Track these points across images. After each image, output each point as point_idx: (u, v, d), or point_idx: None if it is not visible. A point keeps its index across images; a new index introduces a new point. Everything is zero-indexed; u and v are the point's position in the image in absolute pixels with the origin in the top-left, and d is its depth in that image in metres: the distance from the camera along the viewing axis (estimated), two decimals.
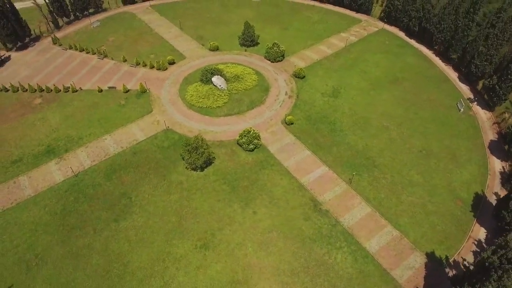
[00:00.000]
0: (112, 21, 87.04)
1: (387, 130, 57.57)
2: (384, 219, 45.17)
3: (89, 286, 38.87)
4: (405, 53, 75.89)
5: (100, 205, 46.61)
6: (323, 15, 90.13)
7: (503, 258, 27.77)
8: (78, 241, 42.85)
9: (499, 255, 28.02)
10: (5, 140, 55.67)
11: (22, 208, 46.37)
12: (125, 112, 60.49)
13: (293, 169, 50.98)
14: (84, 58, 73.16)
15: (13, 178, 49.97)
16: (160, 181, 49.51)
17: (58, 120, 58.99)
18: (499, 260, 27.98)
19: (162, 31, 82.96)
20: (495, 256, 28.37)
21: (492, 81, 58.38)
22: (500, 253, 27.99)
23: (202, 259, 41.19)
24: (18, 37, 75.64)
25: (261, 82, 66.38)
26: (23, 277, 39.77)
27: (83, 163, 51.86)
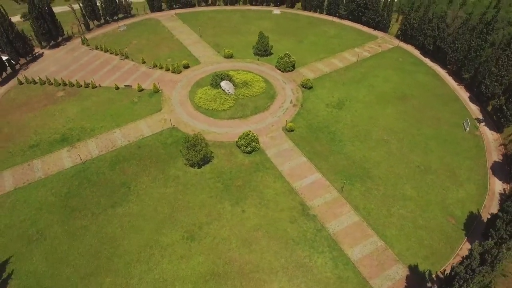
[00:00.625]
0: (138, 26, 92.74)
1: (386, 143, 57.67)
2: (371, 229, 45.25)
3: (80, 264, 41.54)
4: (417, 71, 75.75)
5: (101, 191, 49.72)
6: (340, 30, 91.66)
7: (468, 268, 27.62)
8: (76, 222, 45.91)
9: (465, 265, 27.88)
10: (27, 126, 60.65)
11: (32, 188, 50.29)
12: (136, 109, 64.25)
13: (287, 174, 52.16)
14: (107, 58, 78.44)
15: (28, 161, 54.34)
16: (159, 174, 52.15)
17: (75, 112, 63.56)
18: (464, 270, 27.84)
19: (182, 37, 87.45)
20: (461, 266, 28.23)
21: (500, 101, 57.40)
22: (466, 263, 27.85)
23: (187, 249, 42.96)
24: (52, 36, 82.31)
25: (268, 89, 68.46)
26: (23, 249, 43.10)
27: (92, 152, 55.56)
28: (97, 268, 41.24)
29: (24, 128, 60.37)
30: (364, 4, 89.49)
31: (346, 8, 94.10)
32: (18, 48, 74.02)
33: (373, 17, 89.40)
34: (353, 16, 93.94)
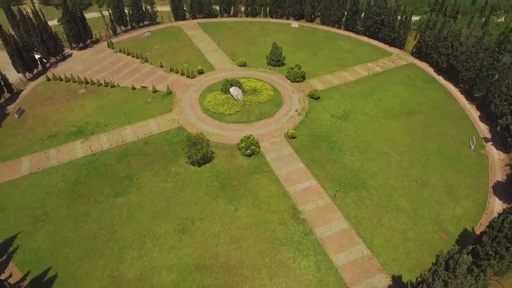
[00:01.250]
0: (161, 33, 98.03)
1: (386, 156, 57.84)
2: (359, 237, 45.56)
3: (78, 246, 44.47)
4: (429, 88, 75.45)
5: (106, 181, 52.98)
6: (355, 45, 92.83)
7: (435, 274, 27.84)
8: (80, 207, 49.16)
9: (432, 271, 28.10)
10: (49, 119, 65.60)
11: (45, 174, 54.35)
12: (149, 109, 67.95)
13: (283, 178, 53.47)
14: (128, 61, 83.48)
15: (45, 149, 58.79)
16: (161, 169, 54.91)
17: (93, 108, 68.06)
18: (432, 277, 28.07)
19: (201, 45, 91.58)
20: (429, 273, 28.46)
21: (506, 120, 56.45)
22: (433, 270, 28.05)
23: (177, 241, 44.97)
24: (81, 39, 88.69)
25: (276, 98, 70.45)
26: (30, 228, 46.68)
27: (103, 145, 59.32)
28: (93, 250, 43.97)
29: (46, 119, 65.34)
30: (381, 21, 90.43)
31: (363, 24, 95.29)
32: (50, 48, 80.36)
33: (389, 34, 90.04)
34: (370, 32, 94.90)
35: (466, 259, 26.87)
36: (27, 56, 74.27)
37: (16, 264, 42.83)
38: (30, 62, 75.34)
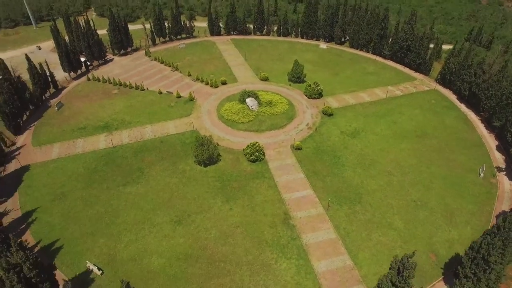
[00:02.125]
0: (195, 46, 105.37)
1: (389, 175, 57.98)
2: (344, 248, 46.19)
3: (85, 224, 49.26)
4: (447, 114, 74.39)
5: (119, 171, 58.18)
6: (379, 69, 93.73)
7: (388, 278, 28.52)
8: (93, 191, 54.43)
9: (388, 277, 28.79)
10: (82, 113, 73.20)
11: (70, 160, 60.78)
12: (170, 112, 73.49)
13: (281, 185, 55.52)
14: (160, 68, 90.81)
15: (74, 139, 65.73)
16: (170, 166, 59.26)
17: (121, 107, 74.91)
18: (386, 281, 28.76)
19: (229, 59, 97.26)
20: (384, 277, 29.16)
21: None
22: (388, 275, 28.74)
23: (171, 230, 48.35)
24: (123, 46, 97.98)
25: (289, 111, 73.17)
26: (48, 204, 52.46)
27: (123, 140, 65.17)
28: (97, 230, 48.51)
29: (79, 113, 72.98)
30: (407, 46, 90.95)
31: (390, 49, 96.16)
32: (94, 52, 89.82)
33: (414, 59, 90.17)
34: (396, 57, 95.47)
35: (412, 264, 27.35)
36: (74, 58, 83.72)
37: (31, 233, 48.32)
38: (75, 64, 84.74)
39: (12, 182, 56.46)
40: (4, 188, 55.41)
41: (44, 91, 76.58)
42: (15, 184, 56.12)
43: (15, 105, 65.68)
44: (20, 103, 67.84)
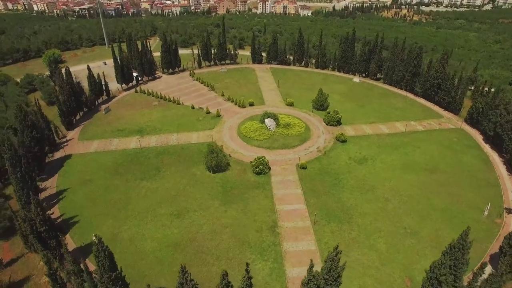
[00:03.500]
0: (235, 71, 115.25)
1: (385, 201, 58.64)
2: (320, 260, 47.94)
3: (100, 206, 57.33)
4: (467, 153, 72.65)
5: (140, 168, 66.56)
6: (407, 104, 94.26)
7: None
8: (114, 182, 63.07)
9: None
10: (123, 118, 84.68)
11: (103, 154, 70.95)
12: (197, 124, 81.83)
13: (277, 197, 59.22)
14: (199, 88, 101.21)
15: (111, 138, 76.51)
16: (184, 169, 66.30)
17: (157, 117, 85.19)
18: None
19: (263, 84, 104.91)
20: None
21: None
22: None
23: (169, 222, 54.33)
24: (171, 66, 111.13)
25: (304, 134, 77.23)
26: (77, 187, 61.98)
27: (150, 143, 74.29)
28: (109, 212, 56.22)
29: (121, 118, 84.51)
30: (437, 84, 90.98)
31: (422, 87, 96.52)
32: (145, 69, 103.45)
33: (444, 98, 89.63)
34: (427, 95, 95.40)
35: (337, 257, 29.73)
36: (127, 73, 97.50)
37: (58, 207, 57.55)
38: (128, 77, 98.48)
39: (55, 166, 67.59)
40: (49, 170, 66.57)
41: (97, 97, 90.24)
42: (57, 168, 67.12)
43: (71, 106, 78.89)
44: (76, 104, 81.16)
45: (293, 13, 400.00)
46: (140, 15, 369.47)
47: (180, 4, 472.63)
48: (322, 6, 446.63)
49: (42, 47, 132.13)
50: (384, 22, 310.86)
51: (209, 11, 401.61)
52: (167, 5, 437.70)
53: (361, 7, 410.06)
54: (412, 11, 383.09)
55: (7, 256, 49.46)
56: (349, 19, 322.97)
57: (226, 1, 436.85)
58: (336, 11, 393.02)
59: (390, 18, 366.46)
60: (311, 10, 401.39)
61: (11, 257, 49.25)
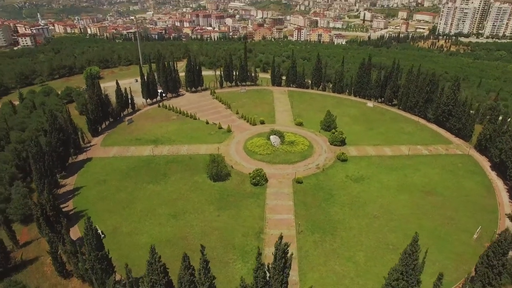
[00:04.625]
0: (254, 92, 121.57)
1: (373, 218, 59.88)
2: (297, 266, 50.29)
3: (108, 203, 63.70)
4: (469, 178, 71.95)
5: (149, 173, 72.86)
6: (417, 130, 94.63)
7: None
8: (124, 183, 69.63)
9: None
10: (143, 129, 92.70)
11: (119, 159, 78.40)
12: (208, 138, 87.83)
13: (269, 207, 62.51)
14: (217, 105, 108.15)
15: (129, 145, 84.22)
16: (188, 176, 71.70)
17: (173, 129, 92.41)
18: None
19: (278, 105, 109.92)
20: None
21: None
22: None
23: (165, 221, 59.28)
24: (195, 85, 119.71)
25: (306, 152, 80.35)
26: (91, 185, 69.17)
27: (162, 152, 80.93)
28: (115, 209, 62.32)
29: (141, 129, 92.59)
30: (449, 111, 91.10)
31: (434, 113, 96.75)
32: (169, 86, 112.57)
33: (455, 124, 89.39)
34: (439, 121, 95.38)
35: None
36: (152, 89, 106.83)
37: (73, 202, 64.64)
38: (152, 93, 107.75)
39: (77, 167, 75.73)
40: (71, 169, 74.74)
41: (123, 109, 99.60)
42: (78, 168, 75.19)
43: (98, 115, 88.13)
44: (103, 114, 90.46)
45: (327, 41, 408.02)
46: (181, 39, 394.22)
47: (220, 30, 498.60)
48: (358, 35, 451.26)
49: (85, 64, 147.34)
50: (417, 52, 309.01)
51: (245, 37, 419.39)
52: (206, 31, 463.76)
53: (397, 37, 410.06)
54: (450, 42, 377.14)
55: (23, 239, 56.63)
56: (382, 48, 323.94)
57: (263, 29, 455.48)
58: (371, 41, 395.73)
59: (426, 48, 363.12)
60: (345, 38, 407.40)
61: (26, 240, 56.34)
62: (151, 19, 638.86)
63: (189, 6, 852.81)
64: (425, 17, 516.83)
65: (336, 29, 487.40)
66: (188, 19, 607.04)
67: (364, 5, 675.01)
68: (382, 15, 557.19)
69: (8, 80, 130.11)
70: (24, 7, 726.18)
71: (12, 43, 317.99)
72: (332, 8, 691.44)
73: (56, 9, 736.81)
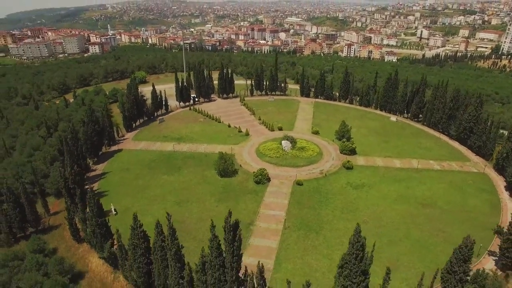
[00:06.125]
0: (281, 101, 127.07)
1: (362, 223, 60.37)
2: (275, 256, 54.25)
3: (126, 188, 72.82)
4: (477, 196, 70.06)
5: (166, 166, 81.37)
6: (436, 145, 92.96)
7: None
8: (143, 172, 78.74)
9: None
10: (171, 128, 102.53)
11: (145, 152, 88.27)
12: (226, 139, 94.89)
13: (264, 203, 67.16)
14: (243, 111, 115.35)
15: (155, 141, 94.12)
16: (199, 170, 78.95)
17: (197, 130, 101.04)
18: None
19: (301, 114, 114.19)
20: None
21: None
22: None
23: (170, 206, 66.43)
24: (226, 92, 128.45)
25: (314, 158, 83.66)
26: (117, 172, 79.21)
27: (182, 148, 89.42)
28: (131, 193, 71.18)
29: (169, 128, 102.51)
30: (470, 128, 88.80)
31: (456, 130, 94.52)
32: (202, 92, 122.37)
33: (475, 142, 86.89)
34: (461, 138, 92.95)
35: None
36: (185, 93, 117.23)
37: (98, 184, 74.92)
38: (186, 97, 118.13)
39: (108, 156, 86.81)
40: (103, 157, 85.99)
41: (157, 110, 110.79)
42: (109, 157, 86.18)
43: (133, 113, 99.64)
44: (137, 113, 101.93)
45: (377, 58, 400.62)
46: (232, 51, 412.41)
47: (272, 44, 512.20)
48: (411, 53, 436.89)
49: (135, 69, 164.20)
50: (473, 72, 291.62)
51: (294, 51, 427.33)
52: (258, 44, 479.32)
53: (454, 56, 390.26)
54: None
55: (54, 209, 67.53)
56: (434, 67, 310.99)
57: (313, 43, 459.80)
58: (426, 59, 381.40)
59: (485, 68, 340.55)
60: (397, 56, 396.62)
61: (56, 210, 67.13)
62: (209, 31, 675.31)
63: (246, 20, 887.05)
64: (490, 35, 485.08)
65: (389, 46, 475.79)
66: (243, 32, 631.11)
67: (423, 23, 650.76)
68: (441, 33, 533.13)
69: (70, 81, 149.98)
70: (100, 20, 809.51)
71: (83, 50, 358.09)
72: (390, 26, 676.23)
73: (126, 21, 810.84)
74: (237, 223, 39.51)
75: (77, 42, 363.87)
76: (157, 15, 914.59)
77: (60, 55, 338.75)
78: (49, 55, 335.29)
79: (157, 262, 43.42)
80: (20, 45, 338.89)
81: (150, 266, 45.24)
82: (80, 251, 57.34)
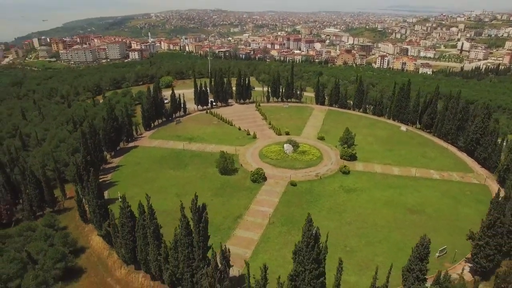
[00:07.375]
0: (296, 108, 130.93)
1: (345, 224, 64.14)
2: (255, 246, 58.25)
3: (136, 179, 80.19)
4: (471, 206, 69.73)
5: (174, 162, 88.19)
6: (442, 156, 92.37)
7: None
8: (152, 167, 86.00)
9: None
10: (186, 129, 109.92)
11: (158, 149, 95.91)
12: (234, 141, 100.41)
13: (256, 200, 71.46)
14: (256, 116, 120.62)
15: (168, 140, 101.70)
16: (202, 168, 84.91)
17: (209, 131, 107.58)
18: None
19: (311, 121, 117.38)
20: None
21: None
22: None
23: (170, 197, 72.87)
24: (243, 97, 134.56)
25: (313, 161, 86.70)
26: (130, 165, 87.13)
27: (192, 147, 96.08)
28: (139, 184, 78.37)
29: (184, 129, 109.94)
30: (476, 139, 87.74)
31: (464, 141, 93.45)
32: (219, 97, 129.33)
33: (481, 153, 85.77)
34: (468, 150, 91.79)
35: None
36: (203, 97, 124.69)
37: (111, 175, 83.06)
38: (203, 101, 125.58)
39: (125, 151, 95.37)
40: (120, 152, 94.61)
41: (175, 112, 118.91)
42: (125, 152, 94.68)
43: (151, 113, 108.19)
44: (156, 113, 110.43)
45: (411, 69, 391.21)
46: (265, 59, 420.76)
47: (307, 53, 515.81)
48: (449, 66, 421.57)
49: (164, 74, 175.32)
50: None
51: (326, 61, 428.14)
52: (290, 53, 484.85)
53: (496, 69, 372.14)
54: None
55: (70, 194, 76.15)
56: (471, 80, 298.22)
57: (345, 54, 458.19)
58: (464, 72, 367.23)
59: None
60: (432, 68, 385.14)
61: (72, 195, 75.59)
62: (246, 40, 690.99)
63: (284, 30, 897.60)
64: None
65: (426, 58, 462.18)
66: (279, 42, 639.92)
67: (467, 35, 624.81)
68: (484, 45, 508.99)
69: (104, 84, 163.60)
70: (144, 28, 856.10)
71: (124, 56, 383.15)
72: (430, 37, 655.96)
73: (168, 29, 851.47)
74: (204, 206, 44.41)
75: (118, 48, 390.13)
76: (198, 24, 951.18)
77: (103, 60, 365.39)
78: (93, 60, 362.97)
79: (140, 239, 49.19)
80: (68, 51, 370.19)
81: (135, 243, 51.12)
82: (85, 230, 65.00)
